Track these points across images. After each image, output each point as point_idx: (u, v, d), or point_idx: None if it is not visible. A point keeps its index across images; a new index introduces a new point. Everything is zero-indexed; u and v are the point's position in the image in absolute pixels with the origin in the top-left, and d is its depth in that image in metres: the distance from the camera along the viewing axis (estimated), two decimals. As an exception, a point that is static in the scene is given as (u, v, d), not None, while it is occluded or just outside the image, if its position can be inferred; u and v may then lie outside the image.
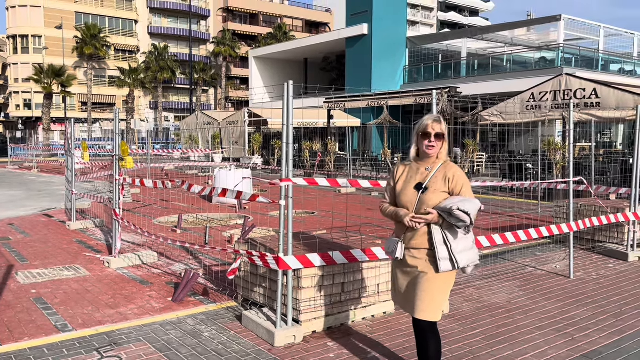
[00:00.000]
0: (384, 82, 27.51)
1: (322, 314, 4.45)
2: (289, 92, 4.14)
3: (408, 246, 3.22)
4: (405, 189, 3.25)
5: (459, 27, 68.95)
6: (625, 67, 25.94)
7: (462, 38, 28.75)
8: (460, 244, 3.12)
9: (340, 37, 30.01)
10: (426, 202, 3.13)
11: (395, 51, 28.44)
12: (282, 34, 59.85)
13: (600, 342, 4.30)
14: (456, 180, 3.17)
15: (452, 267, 3.11)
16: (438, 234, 3.11)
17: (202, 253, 7.43)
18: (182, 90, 63.14)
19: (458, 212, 2.98)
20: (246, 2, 69.53)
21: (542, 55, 25.71)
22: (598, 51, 24.52)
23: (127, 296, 5.44)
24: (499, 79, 23.68)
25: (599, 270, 6.55)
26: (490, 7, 79.94)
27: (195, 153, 27.53)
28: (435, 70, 28.27)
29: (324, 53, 34.90)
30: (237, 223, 10.19)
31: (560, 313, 4.97)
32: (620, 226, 7.37)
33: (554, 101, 13.19)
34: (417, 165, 3.29)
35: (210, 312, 4.93)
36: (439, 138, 3.21)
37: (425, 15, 72.39)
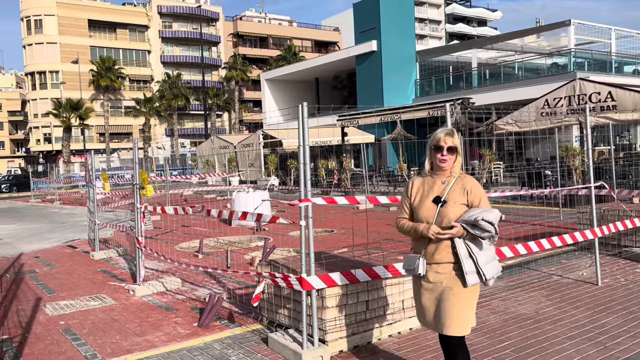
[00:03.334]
0: (396, 96, 27.58)
1: (348, 332, 4.44)
2: (303, 114, 4.19)
3: (430, 261, 3.17)
4: (423, 203, 3.21)
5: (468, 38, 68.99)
6: (638, 68, 25.69)
7: (472, 48, 28.77)
8: (484, 256, 3.09)
9: (350, 55, 30.25)
10: (447, 215, 3.10)
11: (406, 65, 28.55)
12: (291, 55, 60.51)
13: (633, 349, 4.21)
14: (475, 192, 3.15)
15: (479, 280, 3.07)
16: (462, 247, 3.07)
17: (224, 277, 7.46)
18: (196, 116, 63.97)
19: (483, 223, 2.97)
20: (255, 27, 70.62)
21: (553, 61, 25.61)
22: (610, 54, 24.34)
23: (154, 323, 5.48)
24: (511, 88, 23.59)
25: (627, 275, 6.44)
26: (498, 16, 79.95)
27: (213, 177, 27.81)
28: (446, 82, 28.29)
29: (335, 72, 35.17)
30: (258, 245, 10.23)
31: (590, 322, 4.89)
32: None
33: (569, 106, 13.09)
34: (433, 179, 3.26)
35: (236, 336, 4.94)
36: (452, 151, 3.19)
37: (433, 29, 72.63)
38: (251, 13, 76.17)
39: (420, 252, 3.20)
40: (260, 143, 27.80)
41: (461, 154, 3.26)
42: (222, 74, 64.97)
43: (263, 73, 41.14)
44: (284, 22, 76.41)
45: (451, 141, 3.19)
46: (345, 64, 31.75)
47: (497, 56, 29.90)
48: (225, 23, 68.41)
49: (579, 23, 23.03)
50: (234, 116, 64.41)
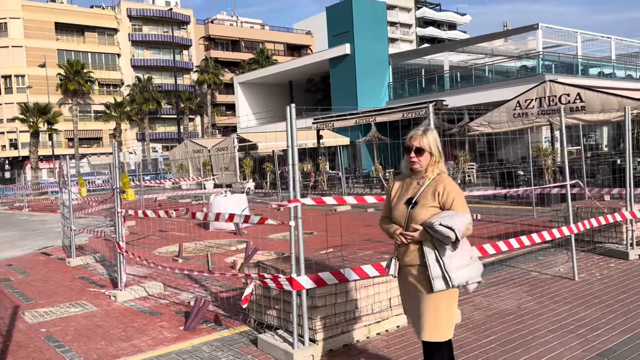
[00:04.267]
0: (370, 99, 27.81)
1: (338, 331, 4.48)
2: (291, 115, 4.22)
3: (401, 263, 3.16)
4: (397, 205, 3.19)
5: (438, 42, 70.01)
6: (604, 71, 26.50)
7: (444, 52, 29.23)
8: (455, 260, 2.96)
9: (323, 58, 30.38)
10: (415, 217, 3.05)
11: (379, 69, 28.82)
12: (264, 59, 60.41)
13: (613, 340, 4.36)
14: (446, 194, 3.05)
15: (445, 287, 2.95)
16: (430, 251, 2.99)
17: (207, 280, 7.42)
18: (168, 120, 63.23)
19: (441, 228, 2.86)
20: (227, 30, 70.25)
21: (523, 64, 26.21)
22: (577, 56, 25.05)
23: (139, 328, 5.42)
24: (482, 90, 24.03)
25: (602, 270, 6.65)
26: (467, 20, 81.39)
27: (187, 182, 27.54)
28: (419, 85, 28.65)
29: (308, 75, 35.25)
30: (238, 248, 10.19)
31: (570, 315, 5.04)
32: (618, 226, 7.49)
33: (540, 107, 13.44)
34: (411, 180, 3.22)
35: (224, 338, 4.93)
36: (420, 153, 3.11)
37: (404, 32, 73.50)
38: (222, 16, 75.72)
39: (394, 253, 3.21)
40: (235, 147, 27.68)
41: (436, 154, 3.14)
42: (194, 77, 64.41)
43: (236, 76, 40.97)
44: (256, 25, 76.20)
45: (418, 142, 3.12)
46: (319, 67, 31.87)
47: (467, 59, 30.43)
48: (197, 26, 67.86)
49: (546, 27, 23.64)
50: (207, 120, 63.92)
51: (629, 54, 28.76)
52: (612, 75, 26.12)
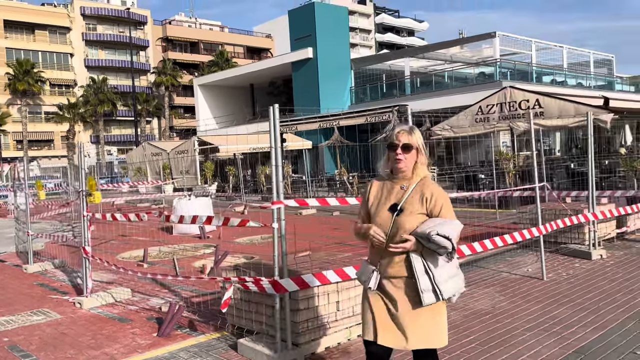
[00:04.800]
0: (332, 103, 27.91)
1: (320, 334, 4.44)
2: (275, 116, 4.16)
3: (384, 275, 2.84)
4: (379, 211, 2.89)
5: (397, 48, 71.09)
6: (557, 79, 27.50)
7: (404, 57, 29.67)
8: (443, 271, 2.77)
9: (285, 61, 30.32)
10: (402, 225, 2.78)
11: (341, 73, 28.99)
12: (224, 61, 59.81)
13: (587, 337, 4.49)
14: (435, 200, 2.81)
15: (435, 300, 2.75)
16: (418, 262, 2.75)
17: (177, 285, 7.24)
18: (124, 122, 61.67)
19: (438, 238, 2.64)
20: (185, 31, 69.22)
21: (481, 71, 26.90)
22: (531, 64, 25.90)
23: (109, 336, 5.22)
24: (442, 95, 24.49)
25: (568, 270, 6.85)
26: (425, 27, 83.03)
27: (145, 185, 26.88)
28: (381, 90, 28.98)
29: (270, 78, 35.10)
30: (205, 252, 10.00)
31: (544, 314, 5.16)
32: (580, 227, 7.75)
33: (501, 113, 13.78)
34: (392, 183, 2.92)
35: (201, 344, 4.80)
36: (408, 150, 2.84)
37: (363, 37, 74.29)
38: (181, 17, 74.58)
39: (375, 264, 2.88)
40: (195, 149, 27.23)
41: (424, 153, 2.89)
42: (151, 79, 63.09)
43: (196, 78, 40.38)
44: (215, 27, 75.43)
45: (406, 138, 2.85)
46: (281, 70, 31.79)
47: (427, 65, 30.99)
48: (154, 27, 66.56)
49: (503, 35, 24.36)
50: (164, 123, 62.70)
51: (579, 63, 29.98)
52: (564, 83, 27.13)
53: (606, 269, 6.77)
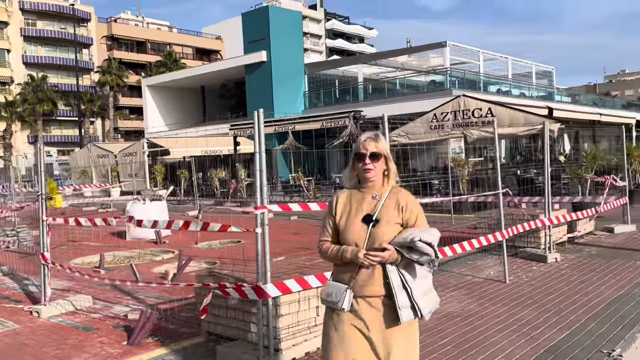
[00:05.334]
0: (286, 107, 27.89)
1: (301, 340, 4.43)
2: (259, 120, 4.13)
3: (358, 294, 2.61)
4: (351, 224, 2.67)
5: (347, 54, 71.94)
6: (502, 88, 28.61)
7: (358, 64, 30.05)
8: (420, 286, 2.61)
9: (239, 64, 30.06)
10: (379, 237, 2.59)
11: (295, 77, 29.04)
12: (172, 62, 58.60)
13: (554, 337, 4.69)
14: (410, 209, 2.68)
15: (414, 316, 2.59)
16: (395, 276, 2.57)
17: (139, 292, 7.03)
18: (65, 122, 59.25)
19: (421, 245, 2.49)
20: (132, 30, 67.38)
21: (431, 79, 27.62)
22: (479, 74, 26.83)
23: (75, 345, 5.00)
24: (394, 102, 24.96)
25: (527, 273, 7.14)
26: (374, 34, 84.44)
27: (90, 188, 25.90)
28: (334, 95, 29.21)
29: (222, 80, 34.67)
30: (164, 258, 9.76)
31: (511, 315, 5.36)
32: (536, 231, 8.09)
33: (455, 120, 14.20)
34: (362, 194, 2.74)
35: (176, 352, 4.69)
36: (376, 158, 2.68)
37: (314, 43, 74.69)
38: (127, 16, 72.52)
39: (347, 282, 2.63)
40: (145, 152, 26.55)
41: (392, 160, 2.75)
42: (94, 78, 60.93)
43: (145, 79, 39.39)
44: (163, 27, 73.81)
45: (374, 146, 2.69)
46: (233, 72, 31.48)
47: (379, 72, 31.47)
48: (99, 24, 64.40)
49: (453, 45, 25.12)
50: (109, 123, 60.70)
51: (522, 74, 31.32)
52: (509, 93, 28.25)
53: (562, 272, 7.10)
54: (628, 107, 41.17)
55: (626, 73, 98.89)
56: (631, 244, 8.84)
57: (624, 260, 7.59)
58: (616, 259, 7.75)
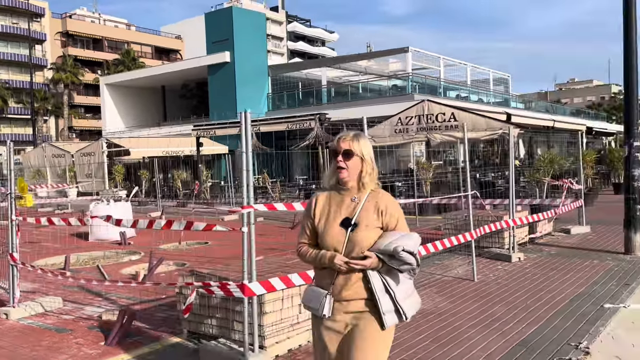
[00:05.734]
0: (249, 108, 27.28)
1: (284, 337, 4.50)
2: (247, 122, 4.19)
3: (338, 298, 2.56)
4: (329, 227, 2.60)
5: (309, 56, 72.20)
6: (461, 94, 29.40)
7: (321, 67, 30.27)
8: (402, 289, 2.57)
9: (201, 64, 29.75)
10: (358, 242, 2.52)
11: (258, 78, 28.98)
12: (130, 60, 57.31)
13: (525, 332, 4.93)
14: (390, 212, 2.59)
15: (398, 320, 2.55)
16: (377, 281, 2.51)
17: (110, 293, 6.92)
18: (16, 120, 57.06)
19: (404, 254, 2.44)
20: (88, 27, 65.57)
21: (394, 83, 28.10)
22: (440, 79, 27.50)
23: (50, 347, 4.91)
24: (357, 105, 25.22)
25: (493, 272, 7.42)
26: (335, 38, 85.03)
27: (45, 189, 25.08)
28: (297, 97, 29.32)
29: (183, 80, 34.21)
30: (131, 259, 9.61)
31: (482, 312, 5.58)
32: (500, 232, 8.41)
33: (419, 125, 14.54)
34: (341, 196, 2.65)
35: (157, 351, 4.68)
36: (348, 157, 2.59)
37: (275, 44, 74.53)
38: (83, 12, 70.48)
39: (327, 287, 2.58)
40: (104, 152, 25.90)
41: (369, 162, 2.63)
42: (48, 75, 58.93)
43: (103, 77, 38.43)
44: (120, 24, 72.12)
45: (347, 144, 2.61)
46: (195, 72, 31.12)
47: (341, 75, 31.78)
48: (53, 20, 62.36)
49: (415, 50, 25.66)
50: (63, 122, 58.83)
51: (480, 80, 32.28)
52: (467, 98, 29.04)
53: (526, 270, 7.42)
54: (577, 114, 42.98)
55: (575, 82, 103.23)
56: (587, 244, 9.31)
57: (582, 260, 7.99)
58: (574, 258, 8.15)
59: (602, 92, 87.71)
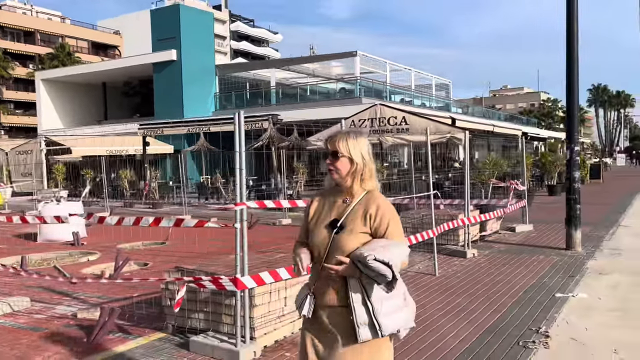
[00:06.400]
0: (196, 108, 27.49)
1: (271, 329, 4.69)
2: (240, 121, 4.36)
3: (319, 301, 2.45)
4: (317, 228, 2.51)
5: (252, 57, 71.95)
6: (405, 98, 30.33)
7: (270, 68, 30.35)
8: (386, 303, 2.36)
9: (146, 61, 29.06)
10: (341, 246, 2.39)
11: (206, 78, 28.68)
12: (65, 55, 54.96)
13: (490, 320, 5.36)
14: (380, 217, 2.42)
15: (372, 336, 2.33)
16: (356, 290, 2.34)
17: (77, 292, 6.85)
18: (-64, 115, 53.47)
19: (375, 264, 2.21)
20: (19, 18, 62.36)
21: (342, 87, 28.62)
22: (386, 83, 28.27)
23: (30, 345, 4.87)
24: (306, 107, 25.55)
25: (451, 267, 7.90)
26: (279, 38, 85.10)
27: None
28: (245, 98, 29.26)
29: (126, 77, 33.27)
30: (89, 259, 9.44)
31: (447, 303, 5.99)
32: (454, 230, 8.93)
33: (372, 127, 15.01)
34: (335, 197, 2.55)
35: (144, 346, 4.75)
36: (336, 158, 2.47)
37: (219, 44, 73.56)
38: (13, 2, 66.96)
39: (311, 287, 2.50)
40: (42, 150, 24.88)
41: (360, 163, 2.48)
42: (-26, 68, 55.57)
43: (39, 72, 36.74)
44: (54, 17, 69.07)
45: (333, 145, 2.48)
46: (138, 70, 30.36)
47: (288, 77, 31.96)
48: (-20, 10, 58.92)
49: (363, 54, 26.26)
50: (-10, 118, 55.64)
51: (423, 85, 33.41)
52: (411, 103, 30.00)
53: (481, 265, 7.95)
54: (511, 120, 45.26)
55: (508, 88, 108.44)
56: (532, 241, 10.02)
57: (529, 255, 8.64)
58: (522, 254, 8.78)
59: (532, 99, 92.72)
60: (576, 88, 8.89)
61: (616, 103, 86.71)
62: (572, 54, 8.80)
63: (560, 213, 9.44)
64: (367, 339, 2.33)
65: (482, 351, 4.53)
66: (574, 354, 4.51)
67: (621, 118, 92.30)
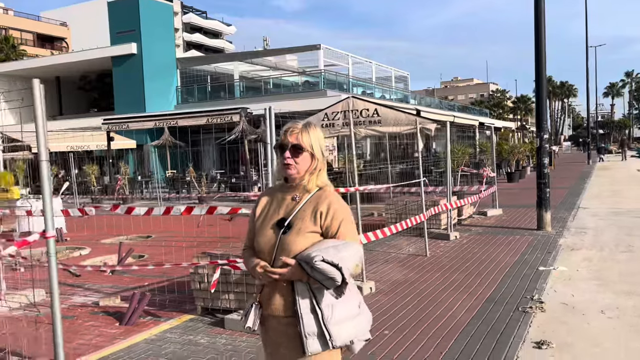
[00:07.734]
0: (158, 102, 27.20)
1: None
2: (271, 116, 4.71)
3: (266, 311, 2.24)
4: (263, 228, 2.29)
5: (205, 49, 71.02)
6: (366, 90, 30.99)
7: (233, 61, 30.31)
8: (338, 310, 2.15)
9: (104, 55, 28.44)
10: (288, 247, 2.18)
11: (167, 71, 28.37)
12: (9, 48, 52.74)
13: (487, 292, 5.95)
14: (331, 215, 2.21)
15: (322, 348, 2.12)
16: (304, 296, 2.13)
17: (86, 283, 7.04)
18: None
19: (323, 265, 2.03)
20: (-43, 9, 59.33)
21: (305, 79, 28.95)
22: (349, 76, 28.82)
23: (68, 329, 5.06)
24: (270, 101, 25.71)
25: (438, 248, 8.50)
26: (232, 30, 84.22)
27: None
28: (208, 91, 29.16)
29: (82, 72, 32.41)
30: (81, 254, 9.52)
31: (445, 280, 6.55)
32: (437, 215, 9.53)
33: (345, 119, 15.48)
34: (284, 194, 2.33)
35: (179, 326, 5.07)
36: (298, 152, 2.25)
37: (171, 36, 72.41)
38: (-50, -8, 63.59)
39: (255, 297, 2.31)
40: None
41: (319, 158, 2.29)
42: None
43: (-15, 66, 35.20)
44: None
45: (295, 137, 2.26)
46: (96, 63, 29.66)
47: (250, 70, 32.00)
48: None
49: (326, 48, 26.69)
50: None
51: (383, 77, 34.18)
52: (372, 95, 30.69)
53: (465, 246, 8.59)
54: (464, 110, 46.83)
55: (458, 80, 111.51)
56: (504, 224, 10.79)
57: (506, 236, 9.36)
58: (499, 235, 9.50)
59: (482, 89, 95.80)
60: (544, 83, 9.67)
61: (560, 93, 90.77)
62: (540, 53, 9.55)
63: (523, 198, 10.26)
64: (316, 352, 2.12)
65: (488, 317, 5.09)
66: (568, 315, 5.14)
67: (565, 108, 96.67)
